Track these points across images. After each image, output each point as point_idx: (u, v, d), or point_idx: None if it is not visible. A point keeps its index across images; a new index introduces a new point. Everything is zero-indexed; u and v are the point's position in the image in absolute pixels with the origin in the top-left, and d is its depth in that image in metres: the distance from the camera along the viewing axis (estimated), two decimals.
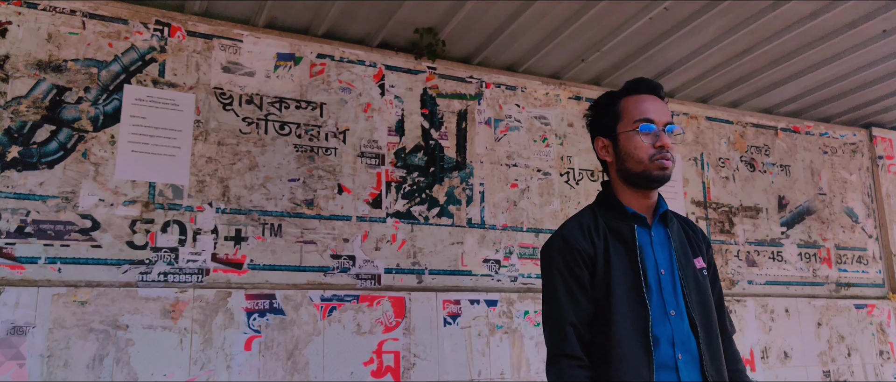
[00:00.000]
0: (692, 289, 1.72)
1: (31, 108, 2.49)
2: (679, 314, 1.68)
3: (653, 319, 1.65)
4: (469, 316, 3.03)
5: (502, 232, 3.24)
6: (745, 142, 4.07)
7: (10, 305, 2.30)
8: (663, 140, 1.70)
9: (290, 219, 2.82)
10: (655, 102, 1.77)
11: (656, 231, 1.77)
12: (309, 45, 3.02)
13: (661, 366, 1.63)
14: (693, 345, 1.66)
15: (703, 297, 1.73)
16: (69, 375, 2.33)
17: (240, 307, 2.62)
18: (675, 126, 1.75)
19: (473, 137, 3.28)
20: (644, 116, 1.73)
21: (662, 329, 1.65)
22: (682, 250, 1.77)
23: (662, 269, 1.72)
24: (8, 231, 2.38)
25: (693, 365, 1.65)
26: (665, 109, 1.77)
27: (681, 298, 1.70)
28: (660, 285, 1.69)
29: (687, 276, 1.73)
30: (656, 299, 1.68)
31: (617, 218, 1.76)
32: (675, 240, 1.77)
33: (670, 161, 1.72)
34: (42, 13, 2.57)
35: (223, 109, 2.80)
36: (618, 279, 1.68)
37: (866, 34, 3.18)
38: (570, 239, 1.75)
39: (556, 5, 2.87)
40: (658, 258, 1.73)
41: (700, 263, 1.79)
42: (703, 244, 1.86)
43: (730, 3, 2.87)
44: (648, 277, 1.69)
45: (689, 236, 1.84)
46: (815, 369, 3.84)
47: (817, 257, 4.11)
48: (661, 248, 1.75)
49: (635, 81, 1.82)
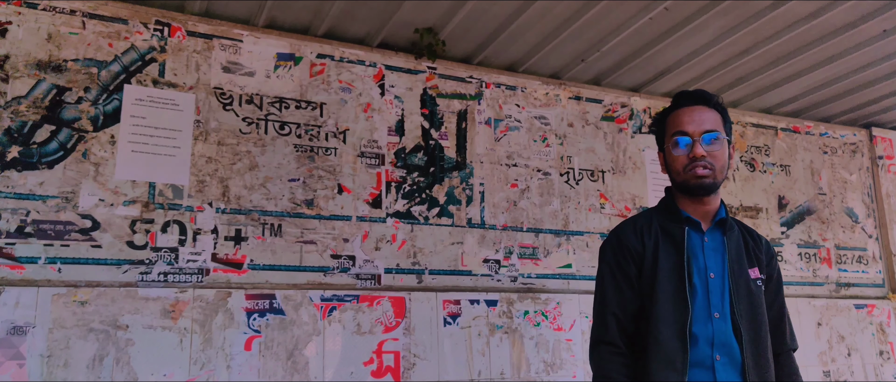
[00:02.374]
0: (742, 296, 1.77)
1: (31, 108, 2.49)
2: (723, 318, 1.74)
3: (694, 318, 1.73)
4: (469, 316, 3.03)
5: (502, 232, 3.24)
6: (745, 142, 4.07)
7: (10, 305, 2.30)
8: (695, 151, 1.77)
9: (290, 219, 2.82)
10: (694, 112, 1.82)
11: (711, 237, 1.83)
12: (309, 45, 3.02)
13: (697, 364, 1.70)
14: (734, 349, 1.72)
15: (754, 305, 1.78)
16: (69, 375, 2.33)
17: (240, 307, 2.62)
18: (715, 134, 1.78)
19: (473, 137, 3.28)
20: (677, 129, 1.81)
21: (703, 329, 1.73)
22: (736, 257, 1.81)
23: (712, 273, 1.78)
24: (8, 231, 2.38)
25: (732, 368, 1.71)
26: (705, 119, 1.80)
27: (727, 302, 1.75)
28: (707, 287, 1.76)
29: (738, 283, 1.78)
30: (701, 300, 1.75)
31: (671, 221, 1.85)
32: (731, 247, 1.82)
33: (707, 170, 1.77)
34: (42, 13, 2.57)
35: (223, 109, 2.80)
36: (663, 277, 1.77)
37: (866, 34, 3.18)
38: (621, 236, 1.88)
39: (556, 5, 2.87)
40: (709, 261, 1.79)
41: (755, 273, 1.83)
42: (763, 256, 1.89)
43: (730, 3, 2.87)
44: (693, 278, 1.76)
45: (749, 245, 1.87)
46: (815, 369, 3.84)
47: (817, 257, 4.11)
48: (714, 253, 1.81)
49: (677, 95, 1.90)
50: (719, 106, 1.85)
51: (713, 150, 1.78)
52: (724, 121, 1.85)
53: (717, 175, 1.79)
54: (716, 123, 1.81)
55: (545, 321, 3.19)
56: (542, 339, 3.15)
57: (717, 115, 1.83)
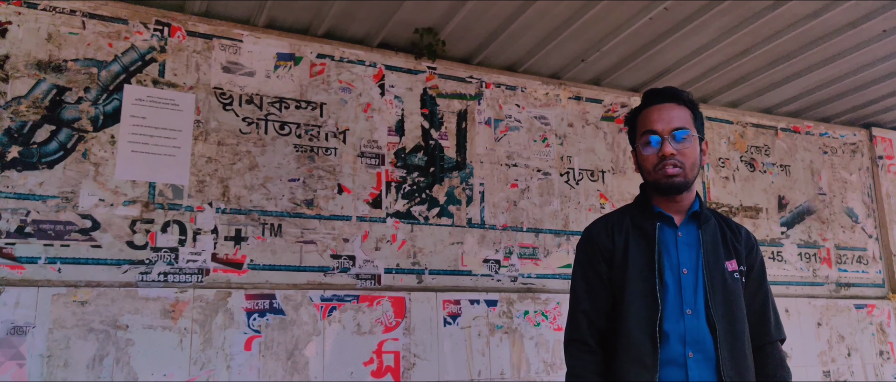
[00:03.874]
0: (717, 290, 1.74)
1: (31, 108, 2.49)
2: (696, 314, 1.71)
3: (666, 315, 1.71)
4: (469, 316, 3.03)
5: (502, 232, 3.24)
6: (745, 142, 4.07)
7: (10, 305, 2.30)
8: (664, 149, 1.75)
9: (290, 219, 2.82)
10: (663, 110, 1.80)
11: (686, 231, 1.81)
12: (309, 45, 3.02)
13: (669, 362, 1.68)
14: (708, 345, 1.69)
15: (731, 299, 1.75)
16: (69, 375, 2.33)
17: (240, 307, 2.62)
18: (684, 132, 1.76)
19: (473, 137, 3.28)
20: (647, 128, 1.80)
21: (674, 326, 1.71)
22: (712, 250, 1.78)
23: (685, 268, 1.76)
24: (8, 231, 2.38)
25: (706, 364, 1.68)
26: (674, 116, 1.78)
27: (701, 298, 1.73)
28: (679, 283, 1.74)
29: (713, 277, 1.75)
30: (673, 296, 1.73)
31: (643, 217, 1.83)
32: (706, 241, 1.79)
33: (676, 168, 1.75)
34: (42, 13, 2.57)
35: (223, 109, 2.80)
36: (633, 274, 1.76)
37: (866, 34, 3.18)
38: (592, 234, 1.88)
39: (556, 5, 2.87)
40: (682, 257, 1.77)
41: (733, 265, 1.79)
42: (742, 247, 1.85)
43: (730, 3, 2.87)
44: (664, 274, 1.74)
45: (726, 237, 1.84)
46: (815, 369, 3.84)
47: (817, 257, 4.11)
48: (687, 248, 1.78)
49: (646, 93, 1.89)
50: (690, 102, 1.83)
51: (682, 147, 1.75)
52: (695, 117, 1.82)
53: (688, 173, 1.76)
54: (685, 121, 1.78)
55: (545, 321, 3.19)
56: (541, 339, 3.15)
57: (687, 112, 1.81)
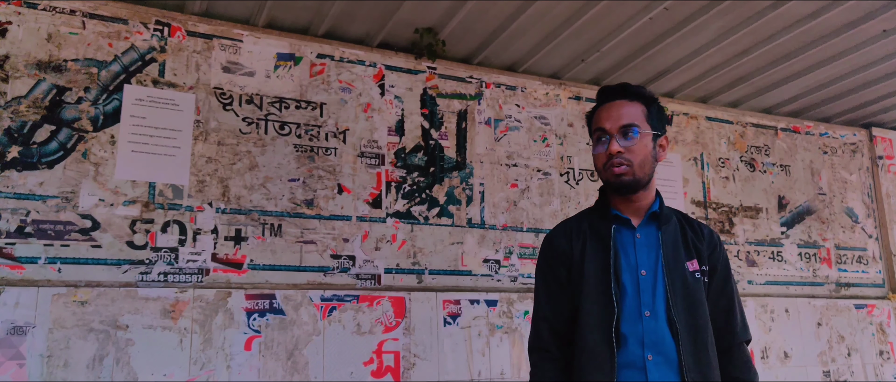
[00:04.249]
0: (678, 291, 1.70)
1: (31, 108, 2.49)
2: (655, 316, 1.68)
3: (624, 318, 1.68)
4: (469, 316, 3.03)
5: (502, 232, 3.24)
6: (745, 142, 4.07)
7: (10, 305, 2.30)
8: (610, 147, 1.72)
9: (290, 219, 2.82)
10: (613, 108, 1.76)
11: (645, 232, 1.77)
12: (309, 45, 3.02)
13: (628, 365, 1.65)
14: (669, 347, 1.65)
15: (692, 300, 1.71)
16: (69, 375, 2.33)
17: (240, 307, 2.62)
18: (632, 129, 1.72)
19: (473, 137, 3.28)
20: (596, 126, 1.78)
21: (632, 329, 1.67)
22: (672, 251, 1.75)
23: (643, 270, 1.72)
24: (8, 231, 2.38)
25: (667, 367, 1.65)
26: (623, 114, 1.74)
27: (661, 299, 1.69)
28: (638, 285, 1.70)
29: (673, 278, 1.71)
30: (631, 299, 1.70)
31: (600, 220, 1.81)
32: (666, 241, 1.75)
33: (623, 167, 1.71)
34: (42, 13, 2.57)
35: (223, 109, 2.80)
36: (590, 277, 1.73)
37: (866, 34, 3.18)
38: (552, 239, 1.87)
39: (556, 5, 2.87)
40: (640, 258, 1.74)
41: (694, 265, 1.75)
42: (704, 246, 1.80)
43: (730, 3, 2.87)
44: (622, 277, 1.71)
45: (688, 237, 1.80)
46: (815, 369, 3.84)
47: (817, 257, 4.11)
48: (646, 249, 1.75)
49: (598, 91, 1.85)
50: (643, 97, 1.78)
51: (630, 145, 1.71)
52: (650, 113, 1.77)
53: (637, 171, 1.72)
54: (635, 117, 1.74)
55: None
56: None
57: (640, 107, 1.76)
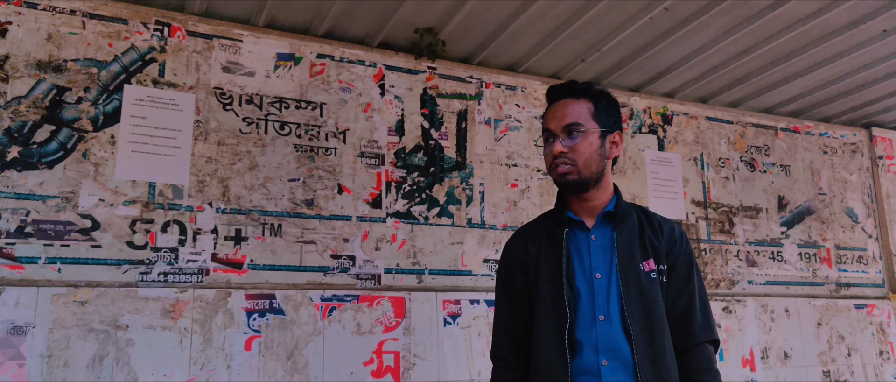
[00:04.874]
0: (632, 293, 1.65)
1: (31, 108, 2.49)
2: (609, 320, 1.64)
3: (579, 323, 1.64)
4: (469, 316, 3.03)
5: (502, 232, 3.24)
6: (745, 142, 4.07)
7: (10, 305, 2.30)
8: (554, 147, 1.71)
9: (290, 219, 2.82)
10: (558, 108, 1.75)
11: (600, 233, 1.73)
12: (309, 45, 3.02)
13: (583, 371, 1.62)
14: (624, 351, 1.61)
15: (647, 301, 1.65)
16: (69, 375, 2.33)
17: (240, 307, 2.62)
18: (574, 127, 1.70)
19: (473, 137, 3.28)
20: (544, 127, 1.77)
21: (587, 334, 1.64)
22: (627, 252, 1.69)
23: (598, 273, 1.68)
24: (8, 231, 2.38)
25: (624, 371, 1.60)
26: (567, 113, 1.72)
27: (615, 302, 1.65)
28: (592, 289, 1.67)
29: (628, 280, 1.66)
30: (586, 303, 1.66)
31: (555, 223, 1.78)
32: (621, 242, 1.70)
33: (567, 166, 1.70)
34: (42, 13, 2.57)
35: (223, 109, 2.80)
36: (543, 283, 1.70)
37: (866, 34, 3.18)
38: (510, 247, 1.85)
39: (556, 5, 2.87)
40: (595, 261, 1.70)
41: (650, 265, 1.69)
42: (662, 244, 1.73)
43: (730, 3, 2.87)
44: (575, 281, 1.68)
45: (645, 235, 1.73)
46: (815, 369, 3.84)
47: (817, 257, 4.11)
48: (600, 251, 1.71)
49: (547, 91, 1.83)
50: (591, 94, 1.74)
51: (573, 144, 1.69)
52: (597, 109, 1.73)
53: (582, 170, 1.69)
54: (579, 115, 1.71)
55: None
56: None
57: (586, 105, 1.73)
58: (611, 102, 1.78)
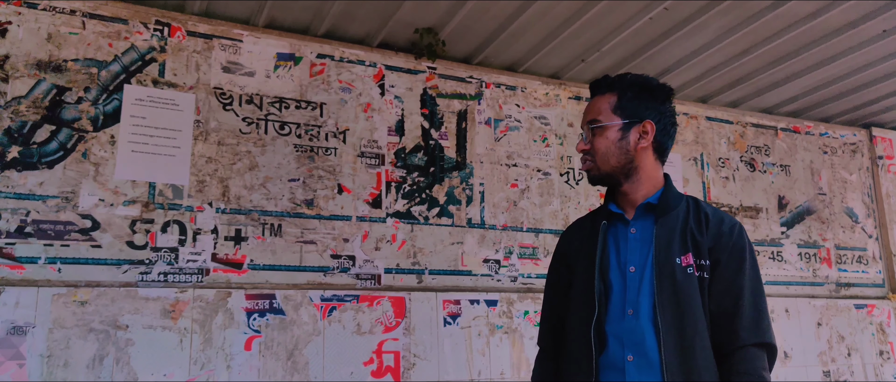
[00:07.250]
0: (665, 288, 1.58)
1: (31, 108, 2.49)
2: (638, 314, 1.59)
3: (609, 317, 1.62)
4: (469, 316, 3.03)
5: (502, 232, 3.24)
6: (745, 142, 4.07)
7: (10, 305, 2.30)
8: (578, 145, 1.76)
9: (290, 219, 2.82)
10: (589, 105, 1.79)
11: (640, 226, 1.68)
12: (309, 45, 3.02)
13: (609, 366, 1.59)
14: (649, 348, 1.55)
15: (681, 297, 1.57)
16: (69, 375, 2.33)
17: (240, 307, 2.62)
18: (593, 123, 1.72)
19: (473, 138, 3.28)
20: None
21: (614, 329, 1.60)
22: (665, 245, 1.62)
23: (632, 266, 1.64)
24: (8, 231, 2.38)
25: (648, 368, 1.54)
26: (591, 109, 1.75)
27: (646, 297, 1.59)
28: (624, 282, 1.63)
29: (662, 274, 1.59)
30: (617, 297, 1.63)
31: (599, 215, 1.79)
32: (660, 235, 1.63)
33: (588, 162, 1.73)
34: (42, 13, 2.57)
35: (223, 109, 2.80)
36: (578, 275, 1.72)
37: (866, 34, 3.18)
38: (560, 240, 1.91)
39: (556, 5, 2.87)
40: (631, 254, 1.66)
41: (688, 259, 1.60)
42: (704, 238, 1.63)
43: (730, 3, 2.87)
44: (609, 274, 1.66)
45: (687, 228, 1.65)
46: (815, 369, 3.84)
47: (817, 257, 4.11)
48: (638, 244, 1.66)
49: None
50: (618, 85, 1.72)
51: (593, 140, 1.71)
52: (621, 101, 1.69)
53: (601, 166, 1.69)
54: (599, 111, 1.71)
55: None
56: None
57: (609, 98, 1.71)
58: (641, 91, 1.71)
